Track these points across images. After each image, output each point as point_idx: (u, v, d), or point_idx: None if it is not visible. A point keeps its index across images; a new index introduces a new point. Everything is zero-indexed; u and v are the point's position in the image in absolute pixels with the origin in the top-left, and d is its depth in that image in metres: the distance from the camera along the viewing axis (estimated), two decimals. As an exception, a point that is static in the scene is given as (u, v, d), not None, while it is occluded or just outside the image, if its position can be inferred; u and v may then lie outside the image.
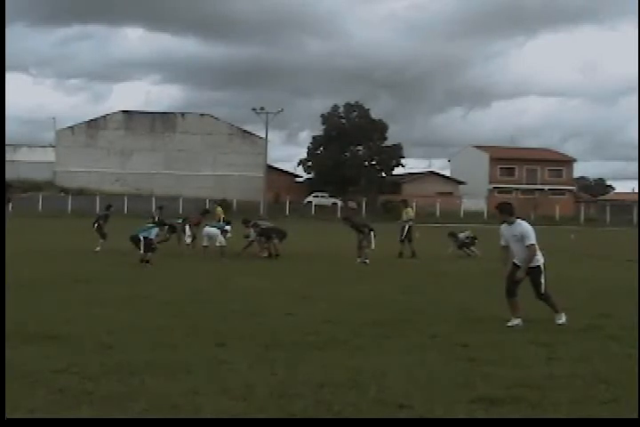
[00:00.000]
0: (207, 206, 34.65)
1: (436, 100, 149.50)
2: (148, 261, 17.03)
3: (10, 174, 69.66)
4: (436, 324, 9.35)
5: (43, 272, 14.89)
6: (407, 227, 21.88)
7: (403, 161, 79.10)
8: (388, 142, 78.55)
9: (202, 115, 78.93)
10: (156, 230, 18.00)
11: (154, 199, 67.90)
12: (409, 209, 22.73)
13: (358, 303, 11.34)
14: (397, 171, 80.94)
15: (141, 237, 17.44)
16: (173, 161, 75.88)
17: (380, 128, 78.41)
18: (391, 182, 79.65)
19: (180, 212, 65.68)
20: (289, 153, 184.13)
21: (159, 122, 76.99)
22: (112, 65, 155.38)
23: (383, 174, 78.97)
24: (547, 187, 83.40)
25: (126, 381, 6.12)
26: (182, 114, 78.90)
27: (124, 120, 76.76)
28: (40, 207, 62.95)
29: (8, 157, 77.36)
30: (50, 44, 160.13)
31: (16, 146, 77.63)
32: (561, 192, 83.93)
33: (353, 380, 6.28)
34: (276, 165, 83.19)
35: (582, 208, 76.17)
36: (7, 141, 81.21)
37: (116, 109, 78.10)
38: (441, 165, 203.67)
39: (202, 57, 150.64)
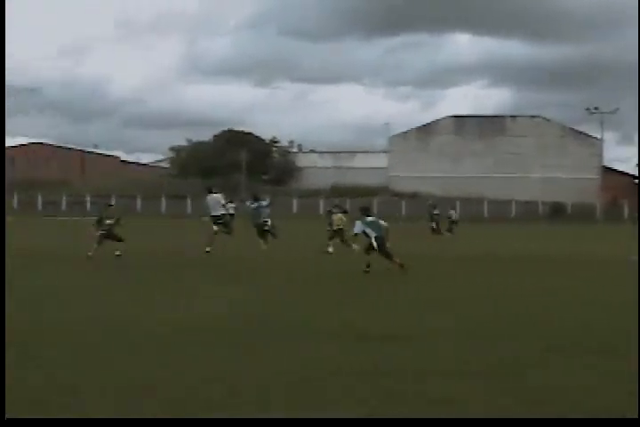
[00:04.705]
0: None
1: None
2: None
3: (347, 180, 73.99)
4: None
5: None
6: None
7: None
8: None
9: (532, 117, 77.23)
10: None
11: (485, 203, 67.90)
12: None
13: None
14: None
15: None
16: (503, 164, 75.03)
17: None
18: None
19: (512, 214, 65.05)
20: (625, 154, 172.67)
21: (488, 125, 76.65)
22: (438, 72, 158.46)
23: None
24: None
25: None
26: (512, 117, 77.89)
27: (454, 125, 77.63)
28: (375, 211, 65.43)
29: (346, 163, 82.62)
30: (378, 54, 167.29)
31: (352, 153, 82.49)
32: None
33: None
34: (612, 166, 78.79)
35: None
36: (345, 149, 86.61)
37: (445, 115, 79.40)
38: None
39: (530, 58, 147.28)
